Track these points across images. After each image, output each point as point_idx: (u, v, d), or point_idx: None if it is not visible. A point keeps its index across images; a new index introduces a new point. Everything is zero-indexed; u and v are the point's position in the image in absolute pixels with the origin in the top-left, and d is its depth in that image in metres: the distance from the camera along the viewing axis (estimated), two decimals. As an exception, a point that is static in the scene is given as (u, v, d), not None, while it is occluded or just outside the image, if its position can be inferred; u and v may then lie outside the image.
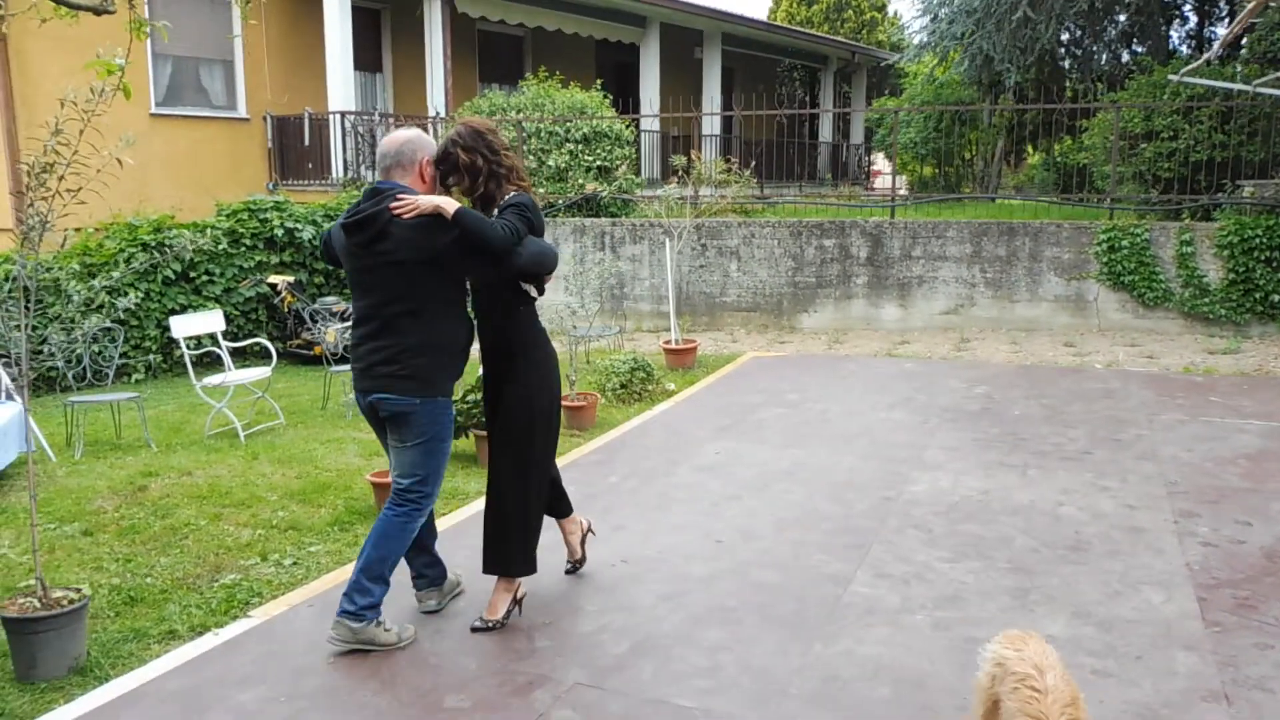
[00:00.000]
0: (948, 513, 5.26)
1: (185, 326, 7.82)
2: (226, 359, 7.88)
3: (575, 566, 4.46)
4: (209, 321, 8.11)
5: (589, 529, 4.54)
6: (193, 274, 10.17)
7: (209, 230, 10.20)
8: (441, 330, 3.70)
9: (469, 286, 3.89)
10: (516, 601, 4.02)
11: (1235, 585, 4.32)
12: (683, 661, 3.66)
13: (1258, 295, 10.21)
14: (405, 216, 3.54)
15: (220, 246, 10.29)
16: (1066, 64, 17.75)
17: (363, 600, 3.68)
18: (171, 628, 4.01)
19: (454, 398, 6.23)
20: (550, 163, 12.68)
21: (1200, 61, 8.06)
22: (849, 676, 3.55)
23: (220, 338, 7.97)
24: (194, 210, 11.32)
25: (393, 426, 3.74)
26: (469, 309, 3.92)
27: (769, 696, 3.42)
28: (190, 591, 4.39)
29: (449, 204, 3.55)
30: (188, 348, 7.75)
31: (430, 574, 4.10)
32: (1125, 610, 4.07)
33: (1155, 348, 9.97)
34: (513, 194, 3.78)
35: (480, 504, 5.44)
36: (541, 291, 3.92)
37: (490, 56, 17.15)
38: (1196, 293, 10.46)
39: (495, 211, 3.75)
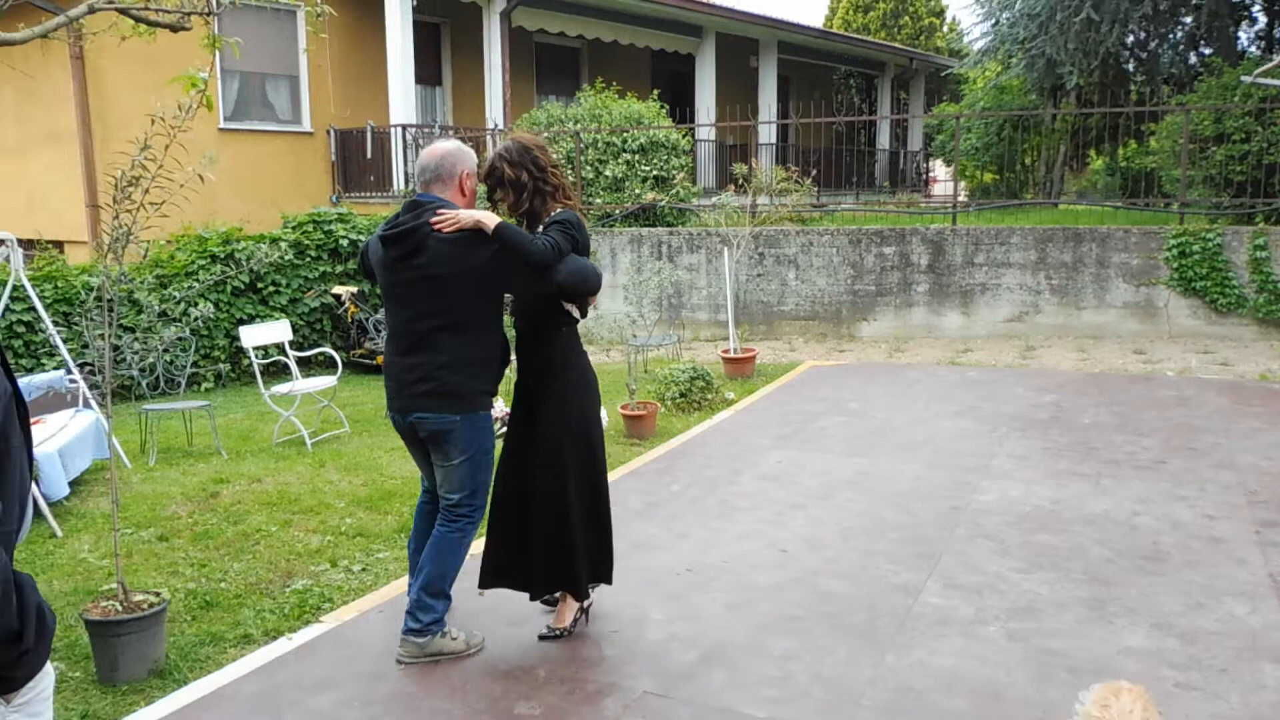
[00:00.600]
0: (1019, 522, 5.16)
1: (254, 336, 7.98)
2: (294, 368, 8.02)
3: (554, 634, 3.92)
4: (276, 331, 8.26)
5: (586, 608, 4.05)
6: (260, 285, 10.38)
7: (280, 243, 10.42)
8: (478, 346, 3.63)
9: (510, 307, 3.85)
10: (583, 611, 4.02)
11: (1323, 598, 4.17)
12: (752, 671, 3.63)
13: (1337, 300, 9.90)
14: (446, 231, 3.46)
15: (286, 258, 10.50)
16: (1130, 66, 17.38)
17: (426, 617, 3.70)
18: (246, 632, 4.08)
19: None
20: (607, 173, 12.73)
21: (1275, 62, 7.83)
22: (923, 688, 3.49)
23: (287, 347, 8.12)
24: (260, 223, 11.57)
25: (434, 446, 3.65)
26: (506, 326, 3.83)
27: (841, 707, 3.37)
28: (263, 596, 4.46)
29: (489, 219, 3.48)
30: (256, 357, 7.90)
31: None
32: (1208, 622, 3.95)
33: (1229, 354, 9.70)
34: (558, 211, 3.72)
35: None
36: (584, 313, 3.82)
37: (547, 68, 17.30)
38: (1271, 298, 10.16)
39: (540, 229, 3.67)
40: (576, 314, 3.78)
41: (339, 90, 14.05)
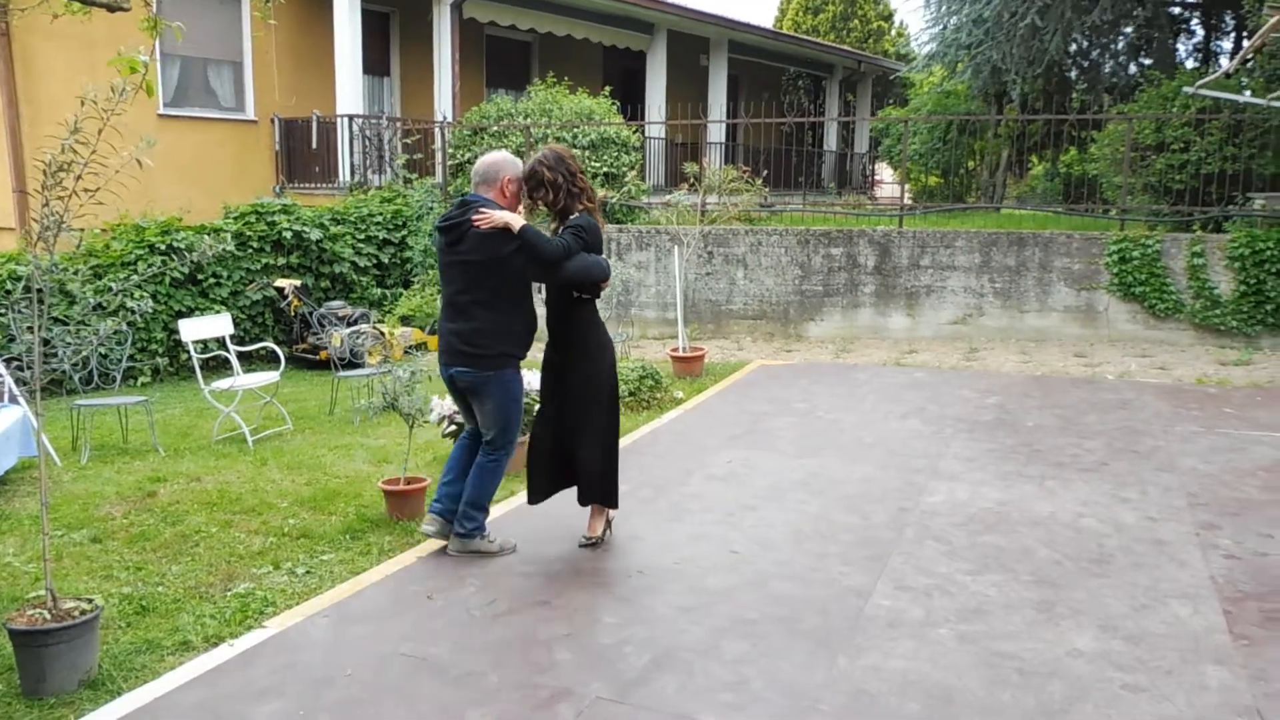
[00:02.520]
0: (967, 524, 5.20)
1: (194, 330, 7.77)
2: (235, 363, 7.82)
3: (590, 542, 4.89)
4: (217, 325, 8.06)
5: (610, 521, 5.04)
6: (200, 277, 10.12)
7: (223, 234, 10.16)
8: (505, 318, 4.49)
9: (541, 285, 4.74)
10: (608, 523, 4.92)
11: (1261, 598, 4.26)
12: (706, 675, 3.60)
13: (1269, 307, 10.16)
14: (482, 227, 4.36)
15: (227, 249, 10.24)
16: (1073, 75, 17.73)
17: (470, 524, 4.67)
18: (185, 639, 3.93)
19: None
20: (558, 169, 12.62)
21: (1219, 74, 8.03)
22: (877, 691, 3.49)
23: (228, 341, 7.91)
24: (201, 212, 11.26)
25: (470, 394, 4.58)
26: (532, 302, 4.67)
27: (797, 712, 3.35)
28: (203, 601, 4.32)
29: (516, 220, 4.38)
30: (195, 351, 7.69)
31: (444, 504, 4.78)
32: (1153, 624, 4.01)
33: (1167, 359, 9.92)
34: (577, 215, 4.56)
35: (491, 512, 5.39)
36: (597, 295, 4.72)
37: (498, 61, 17.12)
38: (1208, 304, 10.42)
39: (563, 229, 4.54)
40: (588, 295, 4.68)
41: (284, 78, 13.75)
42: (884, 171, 24.71)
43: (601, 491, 4.83)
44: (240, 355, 8.16)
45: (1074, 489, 5.79)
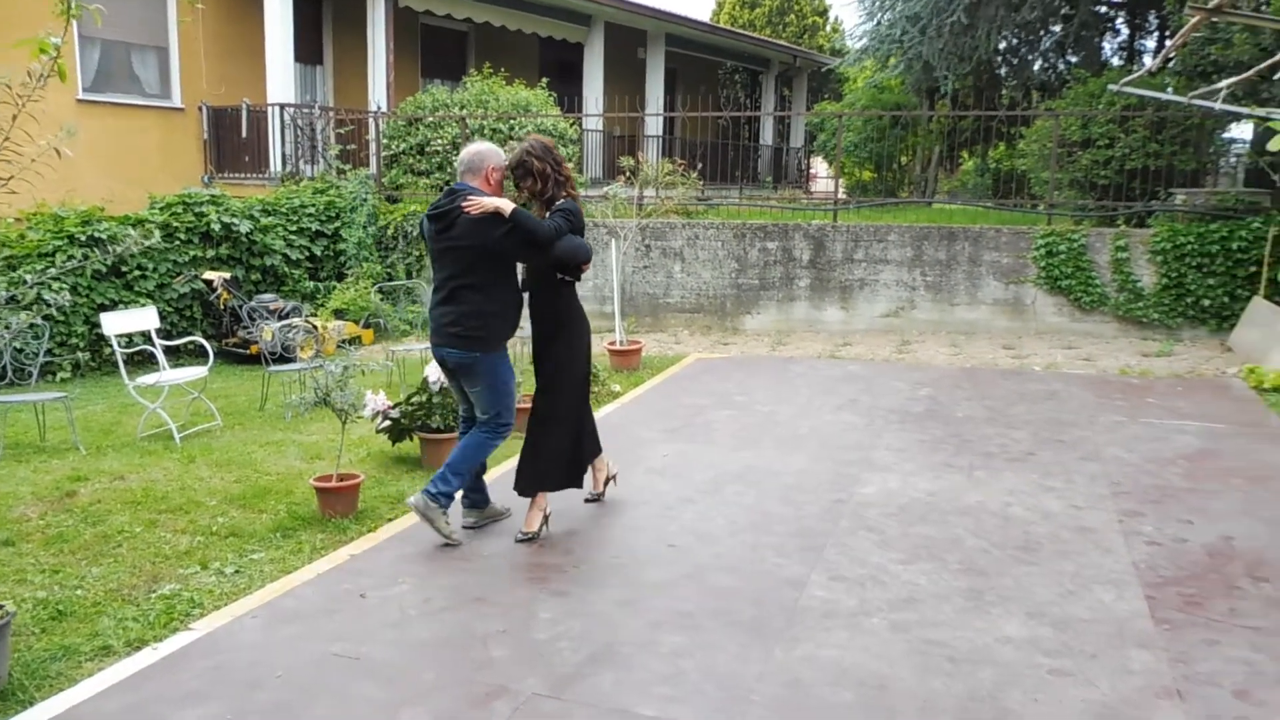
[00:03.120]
0: (899, 514, 5.28)
1: (117, 324, 7.54)
2: (161, 357, 7.61)
3: (596, 497, 5.39)
4: (142, 319, 7.84)
5: (613, 475, 5.48)
6: (124, 268, 9.83)
7: (148, 224, 9.90)
8: (494, 301, 4.65)
9: (523, 270, 4.88)
10: (545, 517, 4.91)
11: (1181, 583, 4.39)
12: (644, 669, 3.60)
13: (1189, 300, 10.49)
14: (472, 213, 4.50)
15: (152, 240, 9.97)
16: (1002, 72, 18.07)
17: (443, 486, 4.69)
18: (105, 643, 3.81)
19: (398, 400, 6.17)
20: (494, 160, 12.51)
21: (1143, 72, 8.26)
22: (811, 681, 3.52)
23: (154, 335, 7.70)
24: (125, 202, 10.94)
25: (462, 375, 4.76)
26: (519, 286, 4.86)
27: (733, 704, 3.37)
28: (125, 604, 4.19)
29: (506, 205, 4.51)
30: (119, 345, 7.47)
31: (474, 498, 5.06)
32: (1079, 609, 4.11)
33: (1092, 350, 10.18)
34: (563, 200, 4.75)
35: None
36: (578, 278, 4.89)
37: (433, 51, 16.91)
38: (1131, 297, 10.71)
39: (549, 213, 4.70)
40: (570, 278, 4.86)
41: (213, 65, 13.42)
42: (819, 166, 24.96)
43: (529, 475, 4.92)
44: (167, 350, 7.95)
45: (1002, 478, 5.91)
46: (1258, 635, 3.87)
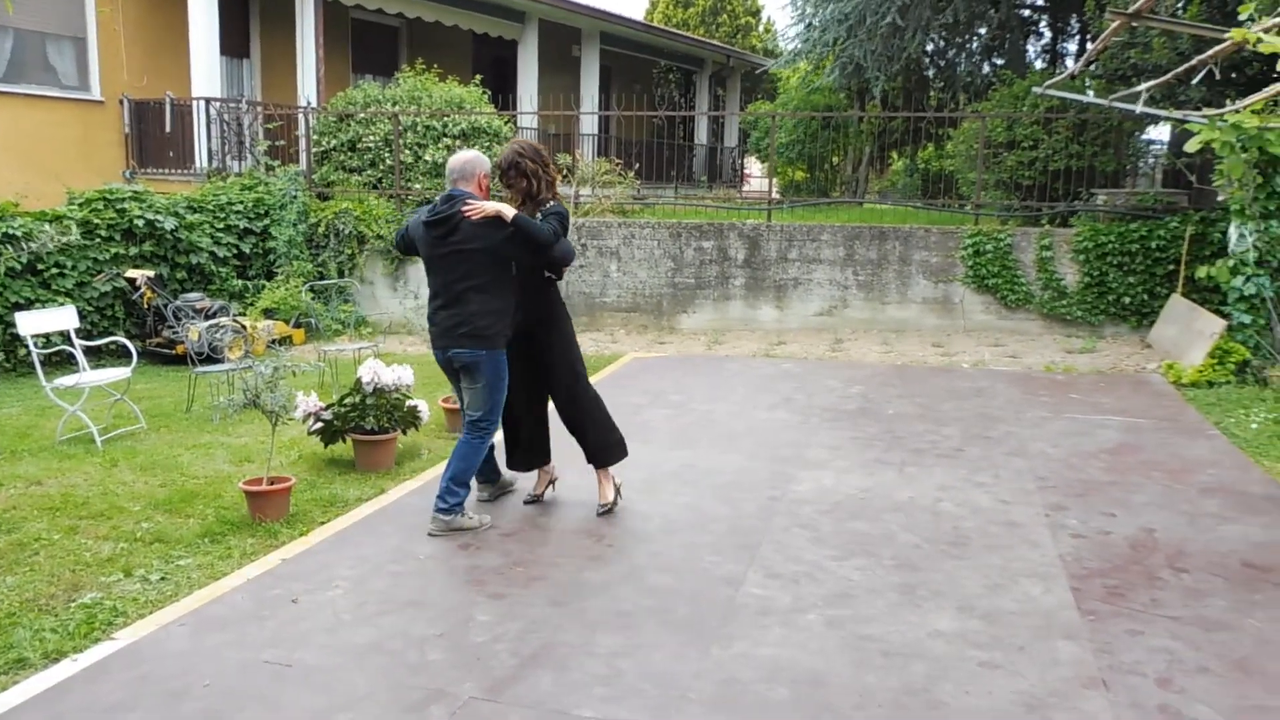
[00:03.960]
0: (832, 511, 5.35)
1: (33, 323, 7.28)
2: (81, 358, 7.37)
3: (535, 499, 5.50)
4: (60, 318, 7.59)
5: (554, 480, 5.63)
6: (41, 266, 9.50)
7: (64, 221, 9.58)
8: (496, 301, 4.85)
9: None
10: (617, 488, 5.33)
11: (1105, 575, 4.51)
12: (581, 670, 3.59)
13: (1110, 298, 10.80)
14: (475, 218, 4.70)
15: (70, 237, 9.65)
16: (931, 73, 18.39)
17: (452, 500, 4.92)
18: (20, 655, 3.67)
19: (330, 401, 6.07)
20: (427, 157, 12.39)
21: (1065, 75, 8.48)
22: (747, 679, 3.54)
23: (73, 335, 7.46)
24: (41, 198, 10.56)
25: (465, 374, 4.94)
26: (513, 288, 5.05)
27: (669, 702, 3.38)
28: (42, 614, 4.05)
29: (508, 210, 4.72)
30: (36, 346, 7.21)
31: (485, 474, 5.39)
32: (1007, 602, 4.20)
33: (1018, 347, 10.42)
34: (552, 203, 4.99)
35: (361, 510, 5.32)
36: (560, 277, 5.22)
37: (364, 46, 16.65)
38: (1055, 295, 10.99)
39: (539, 216, 4.93)
40: (555, 278, 5.16)
41: (134, 57, 13.04)
42: (753, 165, 25.17)
43: (608, 445, 5.35)
44: (88, 350, 7.71)
45: (933, 474, 6.02)
46: (1178, 625, 4.00)
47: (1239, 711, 3.36)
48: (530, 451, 5.47)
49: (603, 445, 5.34)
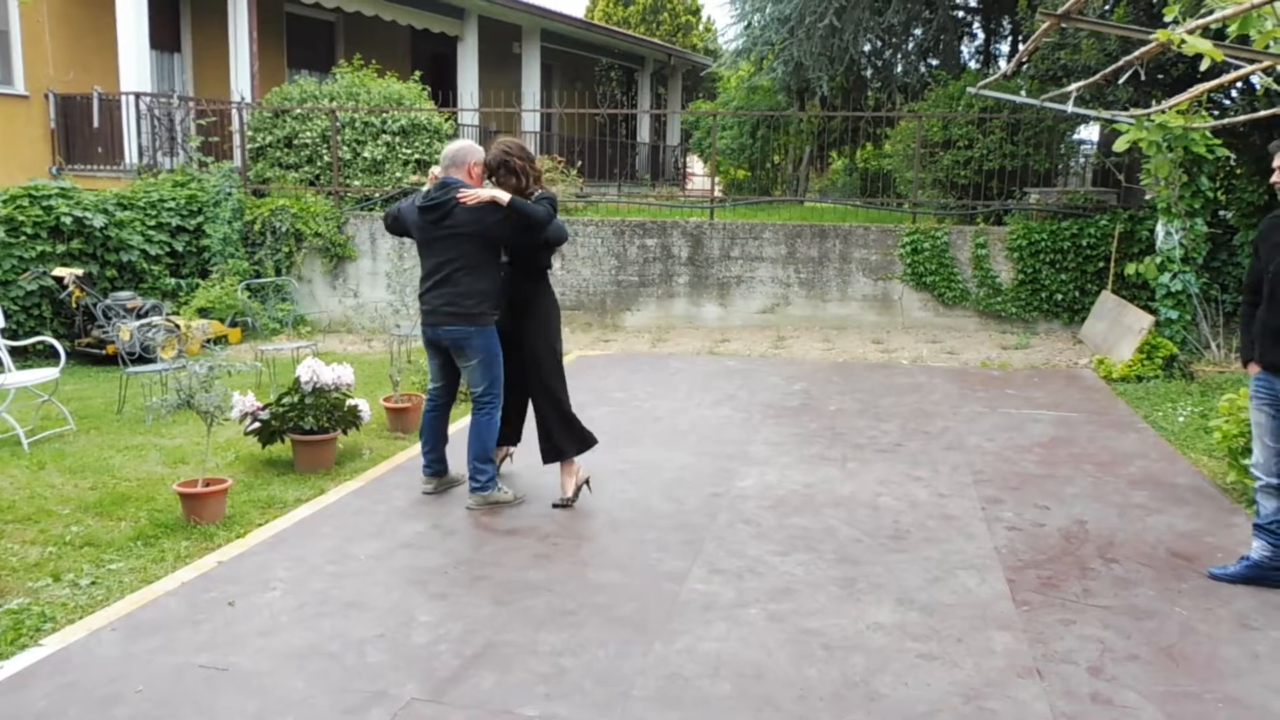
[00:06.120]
0: (775, 506, 5.39)
1: (-45, 324, 7.05)
2: (5, 359, 7.15)
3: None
4: (-17, 318, 7.35)
5: (510, 456, 5.91)
6: (-38, 266, 9.20)
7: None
8: (485, 281, 5.08)
9: (503, 257, 5.28)
10: (582, 482, 5.43)
11: (1039, 566, 4.61)
12: (524, 669, 3.57)
13: (1043, 294, 11.04)
14: (469, 203, 4.92)
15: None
16: (869, 74, 18.61)
17: (483, 477, 5.24)
18: (-54, 662, 3.57)
19: (268, 401, 5.97)
20: (366, 154, 12.24)
21: (998, 75, 8.66)
22: (690, 674, 3.56)
23: (-3, 336, 7.23)
24: (-38, 195, 10.23)
25: (456, 352, 5.17)
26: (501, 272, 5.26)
27: (613, 699, 3.38)
28: (-32, 620, 3.93)
29: (503, 195, 4.94)
30: (-42, 348, 6.98)
31: (435, 467, 5.53)
32: (945, 595, 4.27)
33: (955, 344, 10.61)
34: (541, 190, 5.21)
35: (300, 511, 5.25)
36: (550, 265, 5.46)
37: (300, 41, 16.37)
38: (990, 292, 11.21)
39: (533, 201, 5.09)
40: (545, 264, 5.40)
41: (60, 50, 12.67)
42: (695, 164, 25.27)
43: (567, 438, 5.37)
44: (13, 350, 7.48)
45: (873, 469, 6.10)
46: (1109, 614, 4.10)
47: (1167, 698, 3.45)
48: (504, 425, 5.55)
49: (561, 444, 5.40)
